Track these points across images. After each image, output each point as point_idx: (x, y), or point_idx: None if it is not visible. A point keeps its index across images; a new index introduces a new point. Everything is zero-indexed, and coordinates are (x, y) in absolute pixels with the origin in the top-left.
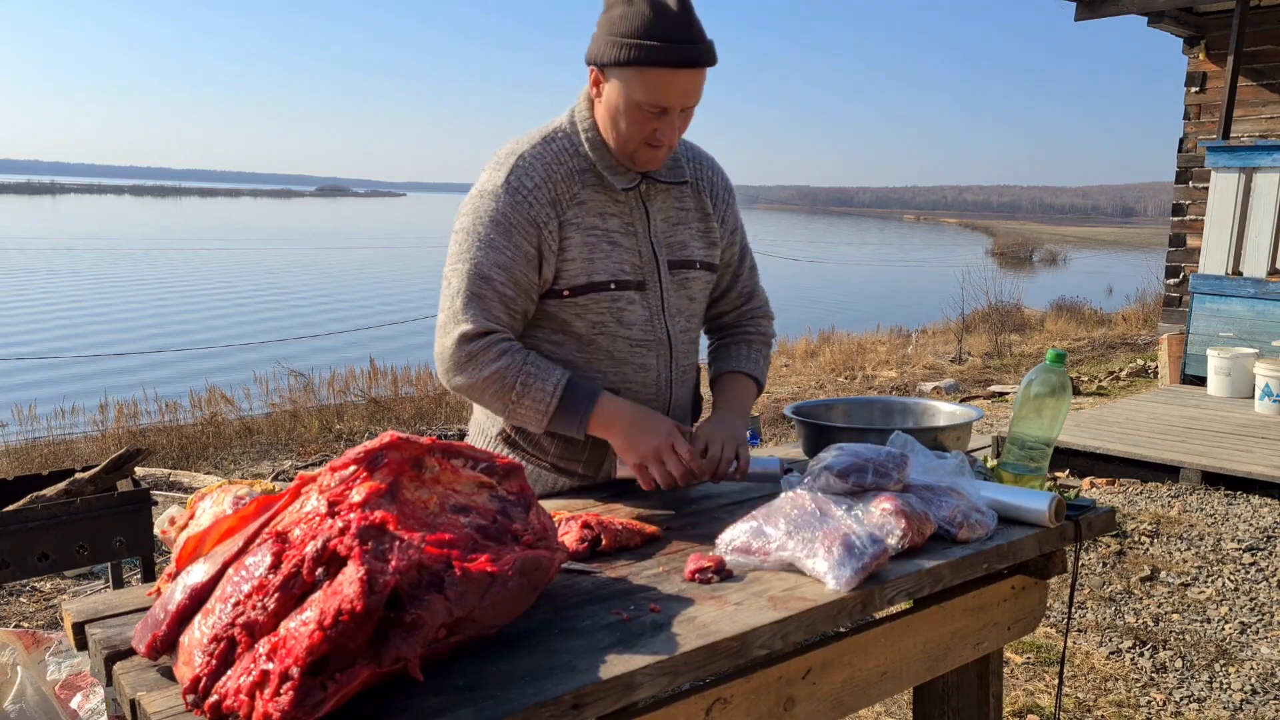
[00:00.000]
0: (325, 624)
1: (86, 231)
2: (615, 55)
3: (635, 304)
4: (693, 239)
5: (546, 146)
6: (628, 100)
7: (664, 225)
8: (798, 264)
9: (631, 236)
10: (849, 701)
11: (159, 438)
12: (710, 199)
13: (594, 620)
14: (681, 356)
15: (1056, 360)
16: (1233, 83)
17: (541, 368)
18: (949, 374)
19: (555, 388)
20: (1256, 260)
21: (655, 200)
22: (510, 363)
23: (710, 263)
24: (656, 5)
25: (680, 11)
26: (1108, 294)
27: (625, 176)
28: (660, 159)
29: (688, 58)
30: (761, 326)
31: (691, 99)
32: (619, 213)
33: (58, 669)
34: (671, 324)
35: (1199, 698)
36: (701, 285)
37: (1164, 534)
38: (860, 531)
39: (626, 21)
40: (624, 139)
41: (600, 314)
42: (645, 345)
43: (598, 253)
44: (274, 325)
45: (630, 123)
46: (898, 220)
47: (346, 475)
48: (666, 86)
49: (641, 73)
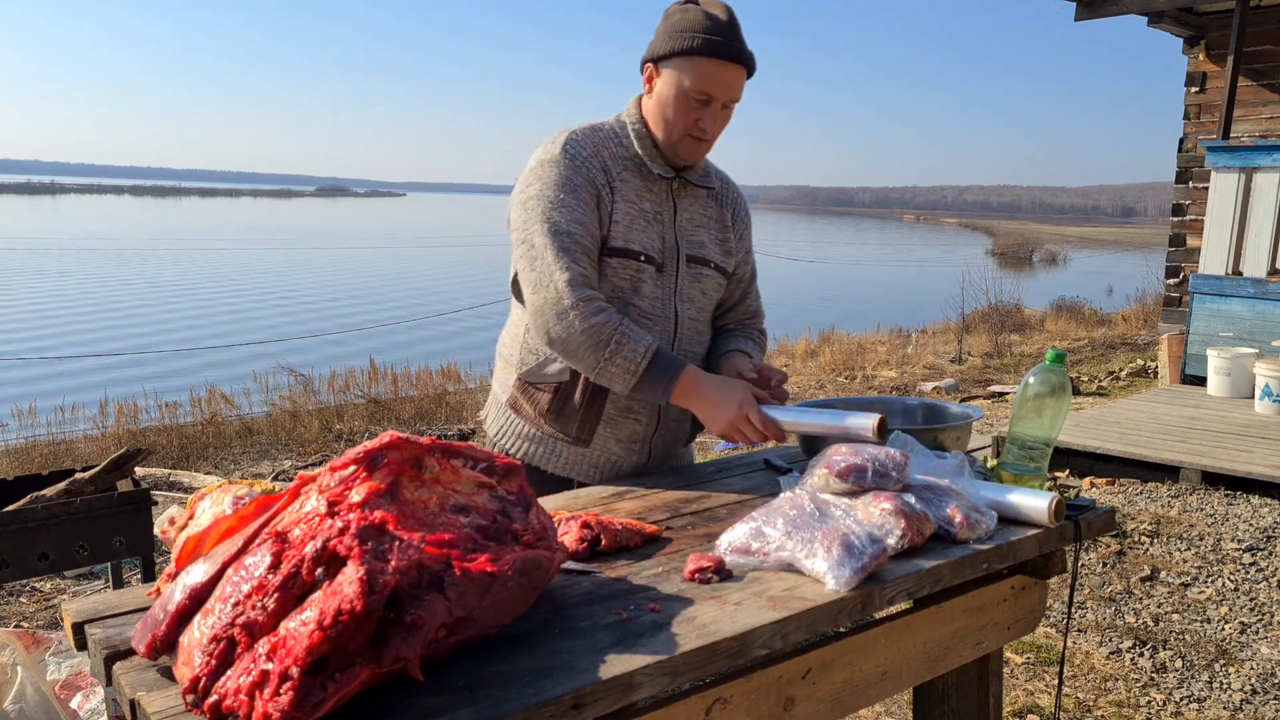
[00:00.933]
0: (325, 624)
1: (86, 231)
2: (670, 47)
3: (652, 281)
4: (711, 241)
5: (594, 132)
6: (678, 89)
7: (688, 223)
8: (798, 264)
9: (659, 223)
10: (849, 701)
11: (159, 438)
12: (731, 215)
13: (594, 620)
14: (687, 340)
15: (1056, 360)
16: (1233, 83)
17: (635, 331)
18: (949, 374)
19: (647, 351)
20: (1256, 260)
21: (684, 199)
22: (608, 320)
23: (724, 267)
24: (710, 14)
25: (729, 20)
26: (1108, 294)
27: (663, 165)
28: (701, 152)
29: (734, 54)
30: (758, 333)
31: (733, 93)
32: (653, 199)
33: (58, 669)
34: (682, 307)
35: (1199, 698)
36: (714, 284)
37: (1164, 534)
38: (860, 531)
39: (685, 21)
40: (670, 127)
41: (622, 280)
42: (653, 319)
43: (635, 225)
44: (274, 325)
45: (678, 112)
46: (898, 220)
47: (346, 475)
48: (714, 76)
49: (694, 61)
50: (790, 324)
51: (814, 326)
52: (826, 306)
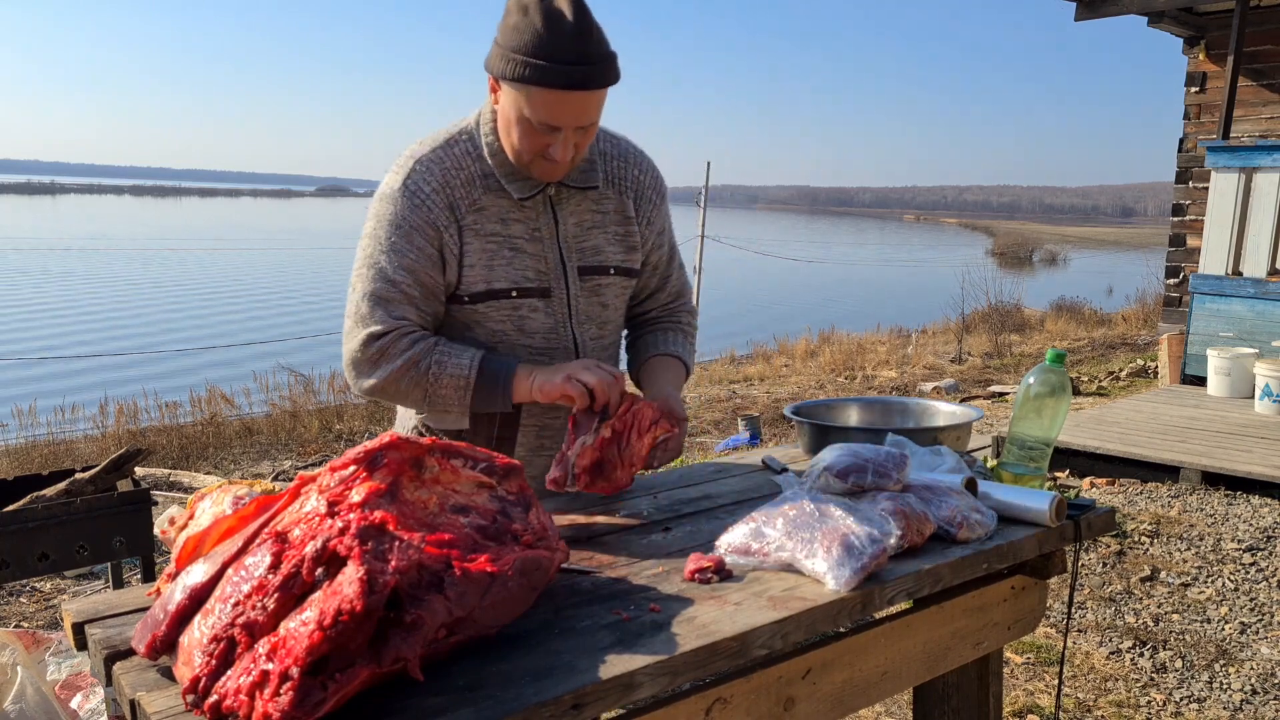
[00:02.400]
0: (325, 624)
1: (86, 232)
2: (505, 70)
3: (539, 312)
4: (609, 244)
5: (448, 150)
6: (519, 115)
7: (576, 230)
8: (798, 264)
9: (537, 243)
10: (849, 701)
11: (159, 438)
12: (634, 200)
13: (594, 620)
14: None
15: (1056, 360)
16: (1233, 83)
17: (455, 348)
18: (949, 374)
19: (472, 361)
20: (1256, 260)
21: (566, 205)
22: (423, 348)
23: (628, 268)
24: (551, 19)
25: (575, 27)
26: (1108, 294)
27: (525, 184)
28: (559, 173)
29: (577, 80)
30: (685, 320)
31: (585, 119)
32: (523, 218)
33: (58, 669)
34: (580, 331)
35: (1199, 698)
36: (617, 291)
37: (1164, 534)
38: (859, 531)
39: (519, 35)
40: (518, 151)
41: (501, 322)
42: (549, 354)
43: (498, 260)
44: (274, 325)
45: (522, 136)
46: (898, 220)
47: (346, 475)
48: (556, 107)
49: (529, 92)
50: (790, 324)
51: (814, 326)
52: (826, 306)
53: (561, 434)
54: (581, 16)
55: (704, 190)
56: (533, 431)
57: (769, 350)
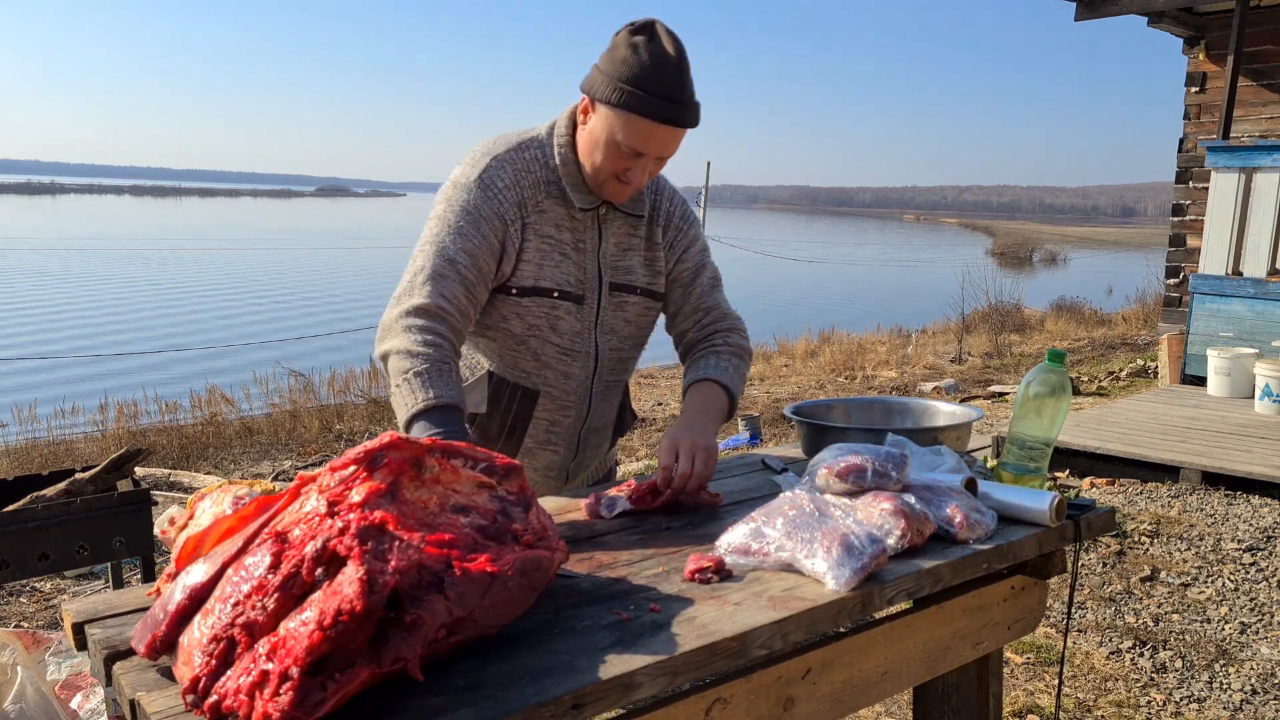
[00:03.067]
0: (325, 624)
1: (86, 232)
2: (607, 95)
3: (571, 315)
4: (639, 265)
5: (520, 153)
6: (609, 137)
7: (614, 249)
8: (798, 264)
9: (580, 253)
10: (849, 701)
11: (159, 438)
12: (662, 229)
13: (594, 620)
14: (607, 371)
15: (1056, 360)
16: (1233, 83)
17: (438, 378)
18: (949, 374)
19: (428, 400)
20: (1256, 260)
21: (611, 225)
22: (425, 353)
23: (653, 290)
24: (657, 59)
25: (676, 71)
26: (1108, 294)
27: (586, 197)
28: (627, 195)
29: (672, 116)
30: (729, 339)
31: (667, 151)
32: (574, 228)
33: (58, 669)
34: (602, 339)
35: (1199, 698)
36: (641, 310)
37: (1164, 534)
38: (859, 531)
39: (626, 67)
40: (598, 169)
41: (537, 318)
42: (572, 355)
43: (548, 261)
44: (274, 325)
45: (606, 157)
46: (898, 220)
47: (346, 475)
48: (647, 136)
49: (627, 118)
50: (790, 324)
51: (814, 326)
52: (826, 306)
53: (566, 432)
54: (682, 62)
55: (704, 190)
56: (543, 425)
57: (769, 350)
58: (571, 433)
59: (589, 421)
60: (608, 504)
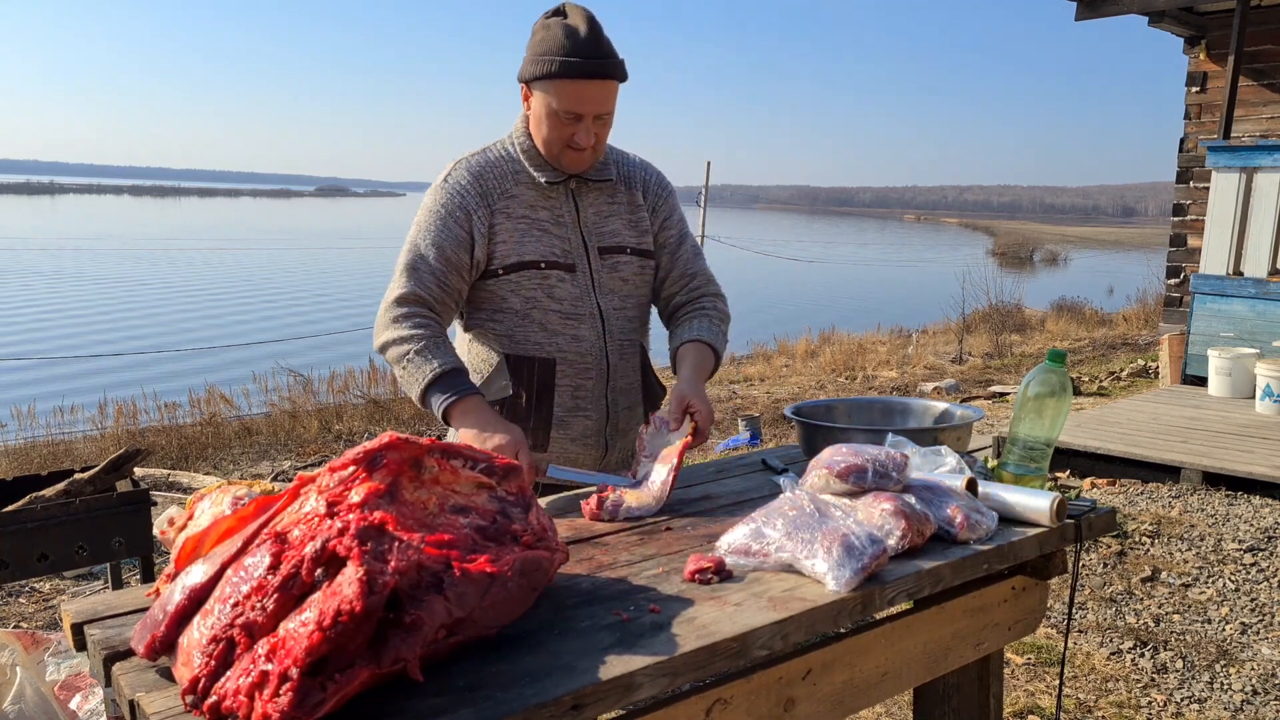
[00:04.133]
0: (324, 625)
1: (85, 232)
2: (534, 71)
3: (565, 282)
4: (624, 228)
5: (483, 155)
6: (548, 109)
7: (594, 217)
8: (798, 264)
9: (561, 226)
10: (849, 702)
11: (158, 438)
12: (641, 193)
13: (594, 621)
14: (617, 330)
15: (1057, 360)
16: (1233, 82)
17: (436, 350)
18: (949, 374)
19: (434, 369)
20: (1257, 260)
21: (586, 196)
22: (416, 334)
23: (642, 249)
24: (569, 29)
25: (590, 34)
26: (1108, 294)
27: (551, 173)
28: (585, 160)
29: (594, 71)
30: (714, 304)
31: (603, 107)
32: (549, 206)
33: (57, 670)
34: (603, 300)
35: (1200, 698)
36: (635, 269)
37: (1165, 534)
38: (860, 532)
39: (545, 43)
40: (548, 143)
41: (532, 290)
42: (577, 318)
43: (528, 238)
44: (273, 325)
45: (551, 128)
46: (898, 220)
47: (346, 476)
48: (579, 95)
49: (556, 84)
50: (790, 324)
51: (814, 326)
52: (827, 306)
53: (592, 395)
54: (594, 27)
55: (704, 190)
56: (568, 391)
57: (769, 350)
58: (598, 395)
59: (612, 381)
60: (610, 508)
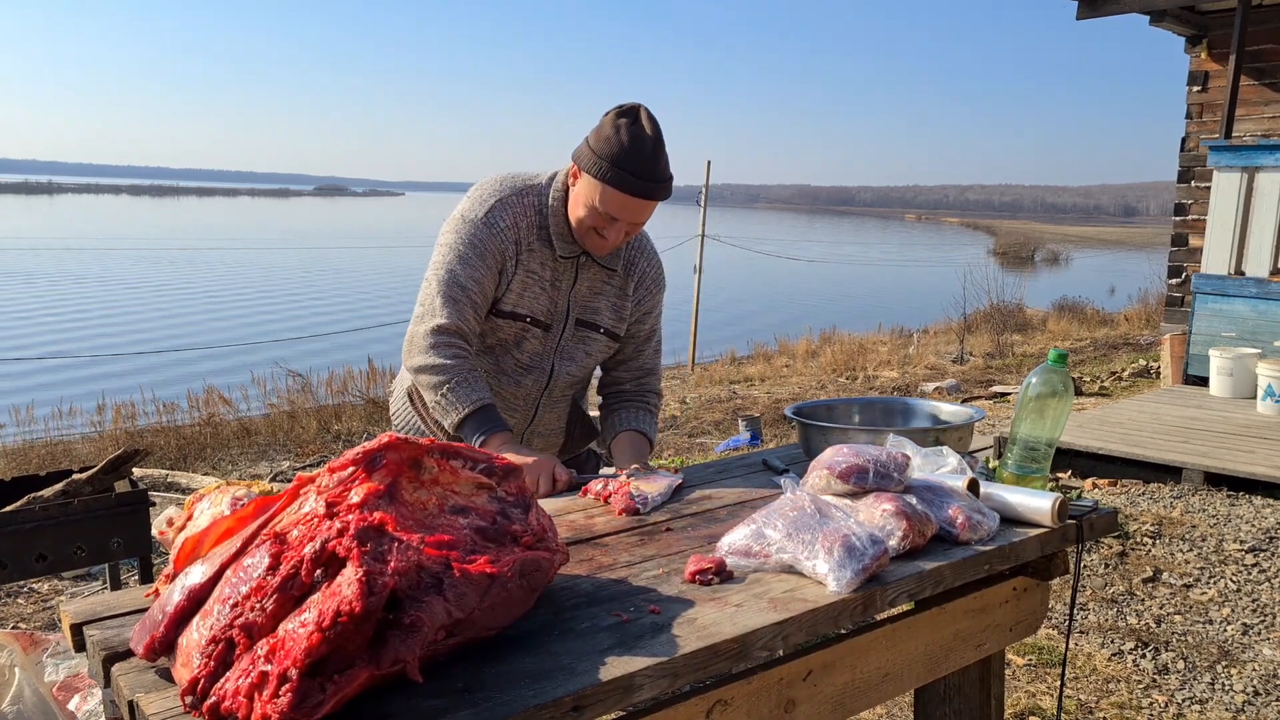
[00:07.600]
0: (324, 625)
1: (83, 231)
2: (590, 167)
3: (536, 339)
4: (607, 309)
5: (521, 198)
6: (590, 202)
7: (586, 291)
8: (799, 264)
9: (557, 290)
10: (850, 703)
11: (157, 438)
12: (635, 284)
13: (593, 622)
14: (557, 390)
15: (1058, 360)
16: (1235, 82)
17: (473, 384)
18: (951, 374)
19: (472, 404)
20: (1259, 260)
21: (586, 271)
22: (456, 364)
23: (614, 332)
24: (635, 141)
25: (653, 152)
26: (1110, 294)
27: (569, 246)
28: (605, 249)
29: (643, 191)
30: (656, 401)
31: (640, 218)
32: (555, 269)
33: (55, 670)
34: (559, 364)
35: (1201, 699)
36: (600, 347)
37: (1166, 535)
38: (861, 533)
39: (608, 145)
40: (581, 223)
41: (506, 335)
42: (529, 370)
43: (529, 293)
44: (272, 325)
45: (587, 216)
46: (899, 220)
47: (345, 476)
48: (622, 206)
49: (606, 189)
50: (791, 324)
51: (815, 327)
52: (828, 306)
53: (514, 433)
54: (658, 144)
55: (704, 189)
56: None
57: (769, 350)
58: (516, 432)
59: (533, 426)
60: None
